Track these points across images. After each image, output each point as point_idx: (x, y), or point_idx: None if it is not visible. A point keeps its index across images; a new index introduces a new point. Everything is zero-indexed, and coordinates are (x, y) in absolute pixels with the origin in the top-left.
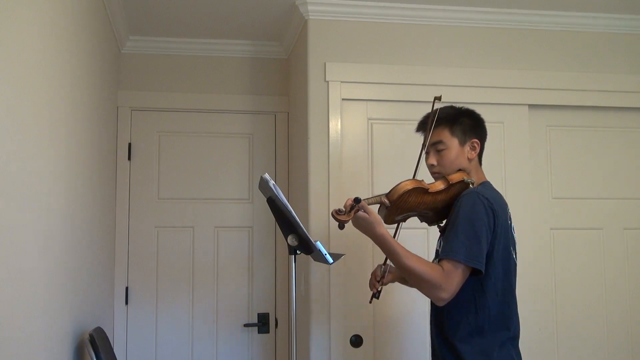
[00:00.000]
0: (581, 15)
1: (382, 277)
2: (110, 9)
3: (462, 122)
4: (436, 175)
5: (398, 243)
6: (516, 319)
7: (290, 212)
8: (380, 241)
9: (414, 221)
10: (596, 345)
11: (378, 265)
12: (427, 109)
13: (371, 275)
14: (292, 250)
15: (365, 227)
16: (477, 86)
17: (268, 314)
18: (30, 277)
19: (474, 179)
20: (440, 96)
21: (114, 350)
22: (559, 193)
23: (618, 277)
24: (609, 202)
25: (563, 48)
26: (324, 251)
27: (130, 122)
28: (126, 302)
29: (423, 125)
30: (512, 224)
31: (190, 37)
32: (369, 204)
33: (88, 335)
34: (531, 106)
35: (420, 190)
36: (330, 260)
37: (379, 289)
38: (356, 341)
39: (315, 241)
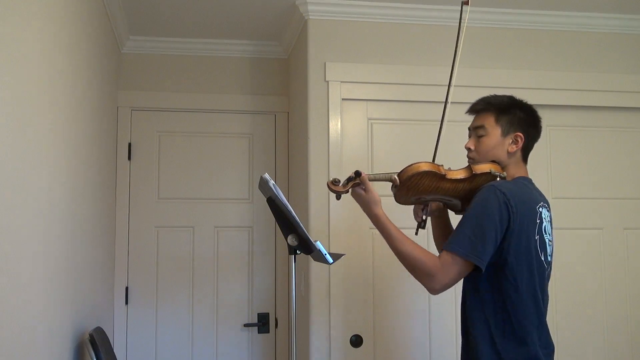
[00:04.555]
0: (581, 15)
1: (427, 204)
2: (110, 9)
3: (512, 113)
4: (470, 160)
5: (395, 226)
6: (545, 330)
7: (290, 212)
8: (375, 221)
9: (410, 221)
10: (596, 345)
11: None
12: (427, 109)
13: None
14: (292, 250)
15: (362, 204)
16: (477, 86)
17: (268, 314)
18: (30, 277)
19: (506, 174)
20: (468, 0)
21: (114, 350)
22: (559, 193)
23: (618, 278)
24: (609, 202)
25: (563, 48)
26: (324, 251)
27: (130, 122)
28: (126, 302)
29: (472, 107)
30: (547, 225)
31: (190, 37)
32: (376, 180)
33: (88, 335)
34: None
35: (435, 174)
36: (330, 260)
37: (424, 218)
38: (356, 341)
39: (315, 241)
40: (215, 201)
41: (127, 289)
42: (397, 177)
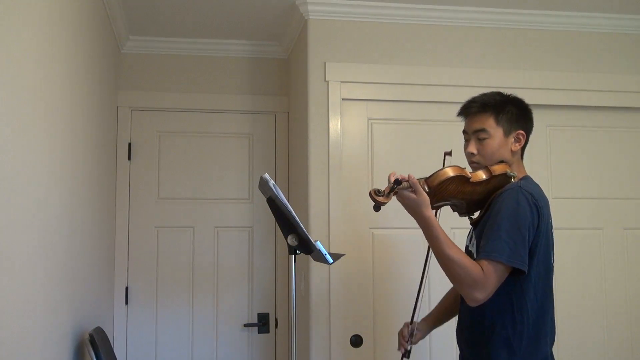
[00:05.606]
0: (581, 15)
1: (411, 336)
2: (110, 9)
3: (509, 111)
4: (474, 165)
5: (443, 230)
6: (551, 325)
7: (290, 212)
8: (425, 224)
9: (411, 221)
10: (596, 345)
11: (405, 324)
12: (428, 109)
13: (398, 334)
14: (292, 250)
15: (412, 207)
16: (477, 86)
17: (268, 314)
18: (30, 277)
19: (516, 173)
20: (451, 151)
21: (114, 350)
22: (559, 193)
23: (618, 277)
24: (609, 202)
25: (563, 48)
26: (324, 251)
27: (130, 122)
28: (126, 302)
29: (465, 110)
30: (552, 222)
31: (190, 37)
32: (406, 188)
33: (88, 335)
34: (531, 106)
35: (462, 178)
36: (330, 260)
37: (409, 349)
38: (356, 341)
39: (315, 241)
40: (215, 201)
41: (127, 289)
42: (426, 185)
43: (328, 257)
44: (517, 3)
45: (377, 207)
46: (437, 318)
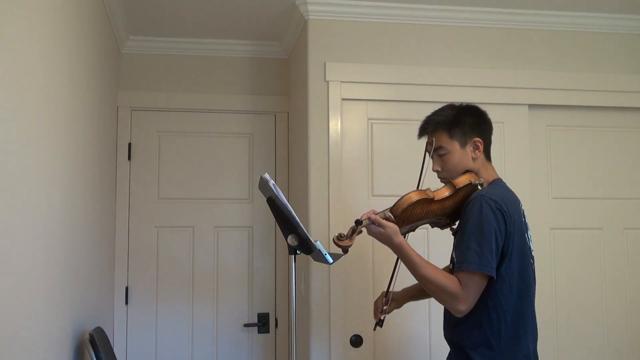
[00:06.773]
0: (581, 15)
1: (384, 306)
2: (110, 9)
3: (461, 122)
4: (443, 180)
5: (416, 253)
6: (532, 322)
7: (290, 212)
8: (398, 251)
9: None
10: (596, 345)
11: (381, 294)
12: (428, 109)
13: (374, 304)
14: (292, 250)
15: (383, 240)
16: (477, 86)
17: (268, 314)
18: (30, 277)
19: (482, 179)
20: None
21: (114, 350)
22: (559, 193)
23: (618, 277)
24: (609, 202)
25: (563, 48)
26: (324, 251)
27: (130, 122)
28: (126, 302)
29: (422, 131)
30: (527, 222)
31: (190, 37)
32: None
33: (88, 335)
34: (531, 106)
35: (426, 200)
36: (330, 260)
37: (382, 318)
38: (356, 341)
39: (315, 241)
40: (215, 201)
41: (127, 289)
42: (391, 214)
43: (328, 257)
44: (517, 3)
45: (344, 250)
46: (415, 293)
